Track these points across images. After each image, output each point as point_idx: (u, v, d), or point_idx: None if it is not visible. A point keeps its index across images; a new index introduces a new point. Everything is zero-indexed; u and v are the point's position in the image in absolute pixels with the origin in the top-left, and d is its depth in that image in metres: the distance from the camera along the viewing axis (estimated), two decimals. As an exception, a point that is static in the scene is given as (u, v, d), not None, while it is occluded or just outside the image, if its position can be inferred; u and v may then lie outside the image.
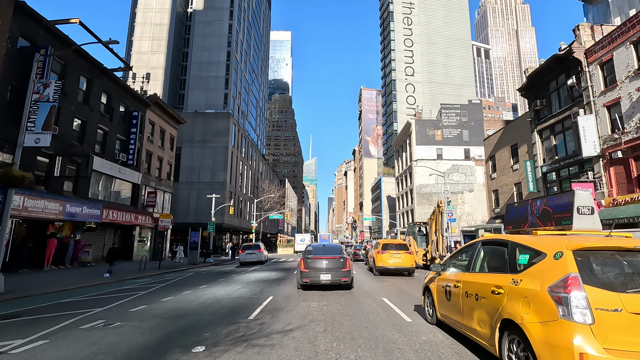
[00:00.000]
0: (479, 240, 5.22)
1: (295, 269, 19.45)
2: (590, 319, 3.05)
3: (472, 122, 57.34)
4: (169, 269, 20.35)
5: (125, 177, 23.99)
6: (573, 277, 3.22)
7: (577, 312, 3.08)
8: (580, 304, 3.10)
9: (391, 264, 15.46)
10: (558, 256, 3.50)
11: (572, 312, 3.10)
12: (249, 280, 13.93)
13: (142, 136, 26.34)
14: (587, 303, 3.10)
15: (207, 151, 48.22)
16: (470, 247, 5.41)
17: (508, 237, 4.62)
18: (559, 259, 3.47)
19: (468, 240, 23.07)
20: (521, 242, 4.22)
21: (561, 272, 3.34)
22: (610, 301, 3.09)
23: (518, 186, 26.00)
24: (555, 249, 3.59)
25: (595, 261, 3.41)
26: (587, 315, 3.06)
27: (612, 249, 3.48)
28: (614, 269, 3.41)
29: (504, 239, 4.59)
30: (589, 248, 3.46)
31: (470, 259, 5.14)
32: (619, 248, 3.45)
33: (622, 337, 2.98)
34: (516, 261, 4.08)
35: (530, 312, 3.45)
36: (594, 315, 3.06)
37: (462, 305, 4.89)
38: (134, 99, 25.28)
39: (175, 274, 17.99)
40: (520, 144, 25.73)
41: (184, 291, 11.00)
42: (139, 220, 24.53)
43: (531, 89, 23.86)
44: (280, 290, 10.79)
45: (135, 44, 65.08)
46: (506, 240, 4.49)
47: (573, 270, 3.27)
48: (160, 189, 29.60)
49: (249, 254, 26.97)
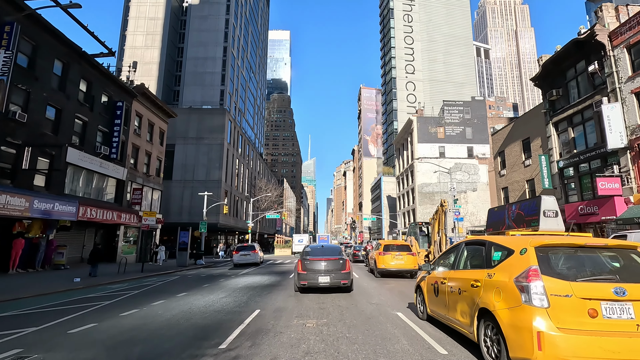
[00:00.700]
0: (463, 241, 5.73)
1: (291, 272, 17.72)
2: (546, 304, 3.55)
3: (475, 119, 55.68)
4: (154, 272, 18.53)
5: (108, 172, 22.14)
6: (534, 269, 3.74)
7: (536, 298, 3.58)
8: (538, 291, 3.60)
9: (393, 265, 14.94)
10: (523, 252, 4.01)
11: (532, 298, 3.60)
12: (236, 287, 12.14)
13: (127, 129, 24.51)
14: (544, 290, 3.59)
15: (202, 148, 46.35)
16: (455, 247, 5.86)
17: (486, 237, 5.10)
18: (524, 254, 3.98)
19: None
20: (496, 241, 4.72)
21: (525, 265, 3.86)
22: (563, 288, 3.58)
23: (530, 183, 24.29)
24: (521, 246, 4.11)
25: (553, 256, 3.92)
26: (544, 301, 3.56)
27: (566, 245, 4.02)
28: (567, 262, 3.92)
29: (483, 239, 5.08)
30: (548, 245, 3.99)
31: (455, 258, 5.62)
32: (571, 245, 4.00)
33: (572, 318, 3.48)
34: (491, 258, 4.56)
35: (500, 300, 3.94)
36: (550, 300, 3.56)
37: (447, 300, 5.32)
38: (119, 89, 23.46)
39: (158, 278, 16.19)
40: (533, 137, 24.02)
41: (156, 301, 9.20)
42: (123, 219, 22.68)
43: (546, 77, 22.15)
44: (270, 301, 9.00)
45: (128, 38, 63.17)
46: (484, 240, 5.00)
47: (534, 264, 3.79)
48: (148, 186, 27.76)
49: (243, 255, 25.27)
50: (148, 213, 18.88)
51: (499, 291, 4.00)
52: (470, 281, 4.66)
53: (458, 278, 5.10)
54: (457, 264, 5.44)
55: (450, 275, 5.39)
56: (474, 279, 4.59)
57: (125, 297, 10.06)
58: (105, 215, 20.52)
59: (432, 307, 6.08)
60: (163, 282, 14.29)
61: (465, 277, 4.87)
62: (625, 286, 3.55)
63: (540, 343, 3.40)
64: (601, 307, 3.49)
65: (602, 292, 3.53)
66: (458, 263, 5.45)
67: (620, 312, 3.49)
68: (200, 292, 10.87)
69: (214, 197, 38.53)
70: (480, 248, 5.02)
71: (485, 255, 4.73)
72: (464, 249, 5.52)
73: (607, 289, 3.54)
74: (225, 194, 46.72)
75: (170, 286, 12.84)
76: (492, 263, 4.47)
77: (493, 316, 3.99)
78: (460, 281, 4.97)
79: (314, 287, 9.72)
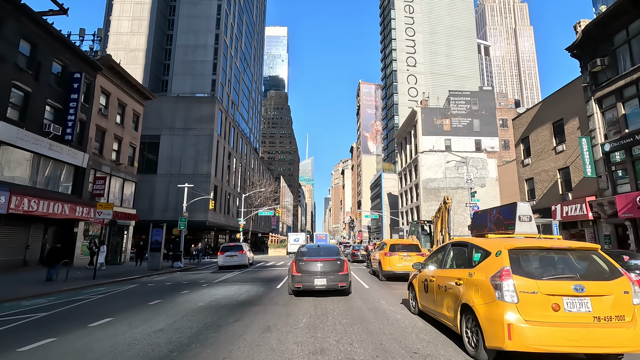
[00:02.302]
0: (450, 242, 6.23)
1: (280, 280, 14.10)
2: (516, 299, 4.02)
3: (483, 110, 52.21)
4: (110, 278, 14.82)
5: (61, 157, 18.34)
6: (506, 270, 4.21)
7: (508, 295, 4.05)
8: (509, 288, 4.07)
9: (400, 267, 13.49)
10: (498, 254, 4.49)
11: (504, 294, 4.07)
12: (195, 306, 8.44)
13: (89, 107, 20.70)
14: (514, 288, 4.07)
15: (189, 139, 42.58)
16: (443, 247, 6.35)
17: (469, 239, 5.62)
18: (499, 256, 4.45)
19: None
20: (476, 243, 5.19)
21: (499, 265, 4.33)
22: (530, 286, 4.07)
23: (564, 172, 20.74)
24: (497, 248, 4.59)
25: (523, 257, 4.39)
26: (514, 297, 4.03)
27: (536, 248, 4.49)
28: (535, 263, 4.40)
29: (466, 241, 5.60)
30: (520, 247, 4.47)
31: (442, 258, 6.13)
32: (539, 247, 4.48)
33: (537, 312, 3.94)
34: (472, 258, 5.03)
35: (479, 297, 4.41)
36: (519, 296, 4.03)
37: (435, 296, 5.80)
38: (77, 58, 19.65)
39: (109, 288, 12.48)
40: (567, 118, 20.46)
41: (42, 339, 5.51)
42: (80, 213, 18.90)
43: (587, 45, 18.56)
44: (231, 340, 5.34)
45: (113, 24, 59.09)
46: (467, 242, 5.53)
47: (507, 264, 4.27)
48: (118, 176, 23.95)
49: (229, 256, 21.79)
50: (104, 205, 15.12)
51: (478, 289, 4.45)
52: (455, 279, 5.11)
53: (444, 276, 5.55)
54: (445, 263, 5.92)
55: (438, 274, 5.85)
56: (458, 278, 5.04)
57: (10, 327, 6.37)
58: (52, 208, 16.71)
59: (422, 302, 6.50)
60: (105, 296, 10.56)
61: (451, 276, 5.33)
62: (584, 283, 4.00)
63: (510, 333, 3.84)
64: (563, 302, 3.94)
65: (564, 289, 3.99)
66: (445, 262, 5.92)
67: (579, 306, 3.93)
68: (135, 316, 7.18)
69: (201, 192, 34.76)
70: (463, 249, 5.50)
71: (468, 256, 5.20)
72: (450, 249, 5.98)
73: (568, 286, 3.99)
74: (216, 189, 42.97)
75: (106, 303, 9.13)
76: (473, 263, 4.92)
77: (473, 311, 4.41)
78: (446, 279, 5.42)
79: (309, 290, 9.13)
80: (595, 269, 4.23)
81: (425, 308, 6.32)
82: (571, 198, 19.75)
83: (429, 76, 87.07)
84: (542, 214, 21.45)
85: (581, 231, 19.58)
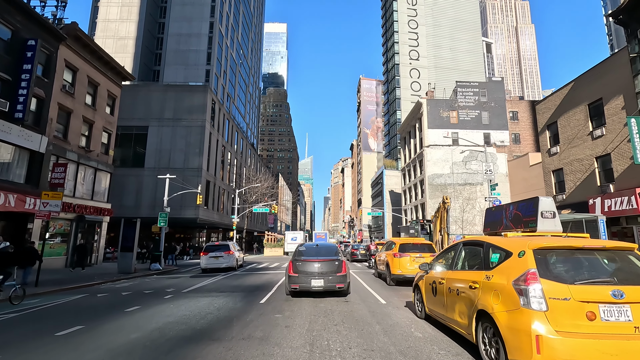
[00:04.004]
0: (461, 242, 5.70)
1: (269, 289, 11.17)
2: (545, 307, 3.47)
3: (492, 102, 49.26)
4: (57, 285, 11.86)
5: (9, 139, 15.33)
6: (532, 272, 3.66)
7: (535, 301, 3.50)
8: (537, 294, 3.52)
9: (411, 270, 11.82)
10: (521, 254, 3.94)
11: (531, 301, 3.52)
12: (120, 344, 5.46)
13: (49, 83, 17.70)
14: (542, 293, 3.51)
15: (180, 131, 39.51)
16: (453, 247, 5.84)
17: (484, 238, 5.06)
18: (522, 257, 3.90)
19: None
20: (494, 242, 4.64)
21: (523, 268, 3.78)
22: (561, 291, 3.51)
23: (602, 161, 17.81)
24: (520, 248, 4.03)
25: (551, 258, 3.84)
26: (542, 304, 3.49)
27: (564, 248, 3.93)
28: (565, 265, 3.82)
29: (481, 240, 5.01)
30: (546, 247, 3.91)
31: (453, 258, 5.57)
32: (569, 247, 3.93)
33: (570, 321, 3.40)
34: (489, 259, 4.49)
35: (499, 303, 3.88)
36: (548, 303, 3.49)
37: (445, 300, 5.28)
38: (34, 24, 16.66)
39: (43, 300, 9.52)
40: (608, 98, 17.51)
41: None
42: (31, 205, 15.91)
43: (636, 9, 15.63)
44: None
45: (101, 10, 55.97)
46: (482, 241, 4.92)
47: (532, 266, 3.71)
48: (88, 165, 20.93)
49: (213, 257, 18.94)
50: (51, 194, 12.14)
51: (498, 294, 3.96)
52: (469, 282, 4.63)
53: (456, 279, 5.08)
54: (455, 265, 5.41)
55: (449, 276, 5.38)
56: (472, 281, 4.56)
57: None
58: (-8, 198, 13.74)
59: (430, 306, 6.12)
60: (17, 315, 7.60)
61: (464, 278, 4.85)
62: (623, 288, 3.49)
63: (539, 346, 3.35)
64: (599, 310, 3.43)
65: (600, 294, 3.47)
66: (456, 263, 5.41)
67: (618, 314, 3.43)
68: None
69: (192, 187, 31.79)
70: (478, 249, 4.96)
71: (484, 257, 4.68)
72: (462, 249, 5.50)
73: (606, 292, 3.47)
74: (208, 184, 39.99)
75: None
76: (491, 265, 4.43)
77: (491, 318, 3.95)
78: (459, 282, 4.95)
79: (306, 291, 8.87)
80: (634, 272, 3.73)
81: (433, 312, 5.94)
82: (613, 190, 16.84)
83: (433, 70, 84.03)
84: (574, 209, 18.51)
85: (624, 229, 16.68)
